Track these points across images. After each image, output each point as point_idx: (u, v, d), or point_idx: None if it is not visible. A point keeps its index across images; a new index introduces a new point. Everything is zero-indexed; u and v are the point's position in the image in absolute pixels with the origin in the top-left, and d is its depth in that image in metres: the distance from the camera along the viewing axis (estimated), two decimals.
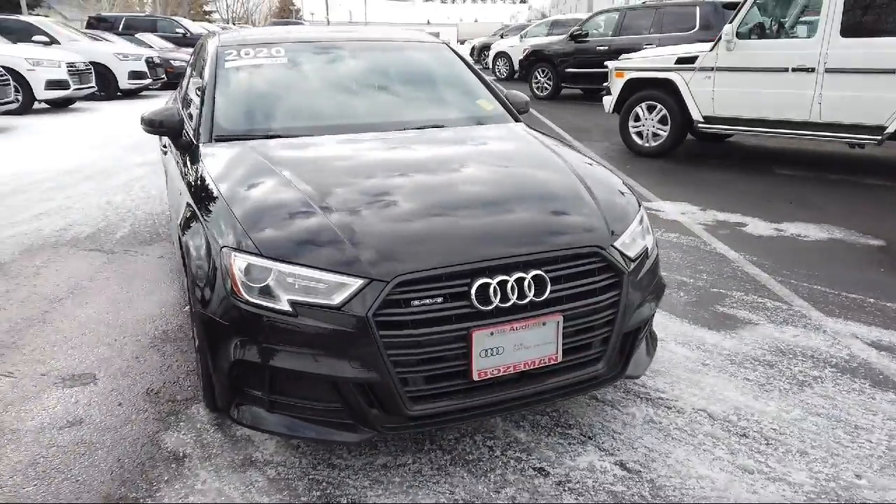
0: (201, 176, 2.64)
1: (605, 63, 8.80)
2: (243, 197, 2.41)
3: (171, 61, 16.72)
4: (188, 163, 2.89)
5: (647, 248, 2.56)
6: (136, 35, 18.89)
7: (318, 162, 2.72)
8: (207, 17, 59.18)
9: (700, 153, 8.40)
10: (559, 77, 14.69)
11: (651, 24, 13.05)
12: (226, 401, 2.26)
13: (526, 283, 2.15)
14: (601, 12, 14.85)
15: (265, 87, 3.29)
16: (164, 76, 15.87)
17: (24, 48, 12.40)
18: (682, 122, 7.84)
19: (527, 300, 2.16)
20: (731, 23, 7.24)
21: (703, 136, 8.96)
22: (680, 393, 2.84)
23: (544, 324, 2.19)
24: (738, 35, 7.20)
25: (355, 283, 2.04)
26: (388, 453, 2.42)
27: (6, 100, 10.30)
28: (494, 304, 2.12)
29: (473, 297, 2.09)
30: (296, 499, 2.18)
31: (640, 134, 8.23)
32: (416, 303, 2.07)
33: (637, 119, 8.21)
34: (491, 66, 21.33)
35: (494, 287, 2.11)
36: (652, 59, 8.14)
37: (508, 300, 2.14)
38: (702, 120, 7.59)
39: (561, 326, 2.21)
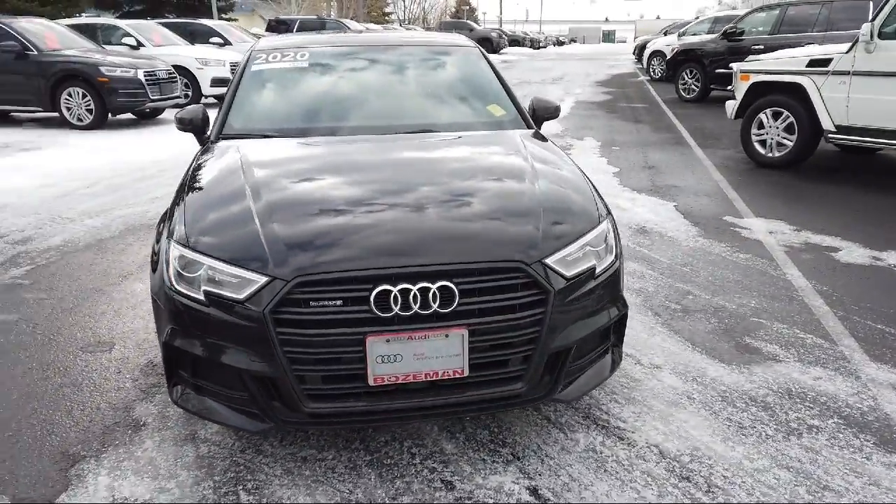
0: (188, 172, 2.89)
1: (730, 64, 8.18)
2: (201, 193, 2.62)
3: None
4: (195, 159, 3.17)
5: (595, 268, 2.42)
6: None
7: (285, 163, 2.86)
8: (386, 17, 61.99)
9: (834, 167, 7.56)
10: (708, 78, 13.81)
11: (815, 20, 11.90)
12: (167, 379, 2.47)
13: (431, 293, 2.14)
14: (761, 8, 13.73)
15: (278, 89, 3.51)
16: None
17: (197, 49, 13.90)
18: (811, 132, 7.10)
19: (431, 311, 2.15)
20: (871, 21, 6.45)
21: (847, 149, 8.05)
22: (642, 425, 2.66)
23: (447, 336, 2.17)
24: (881, 35, 6.39)
25: (261, 281, 2.16)
26: (314, 446, 2.52)
27: (174, 94, 11.62)
28: (394, 312, 2.13)
29: (372, 302, 2.12)
30: (209, 477, 2.35)
31: (763, 143, 7.56)
32: (314, 304, 2.14)
33: (761, 126, 7.56)
34: (645, 66, 20.49)
35: (395, 295, 2.13)
36: (781, 60, 7.44)
37: (410, 309, 2.14)
38: (833, 129, 6.83)
39: (467, 340, 2.18)
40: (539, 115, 3.65)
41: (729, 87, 8.22)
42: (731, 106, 7.95)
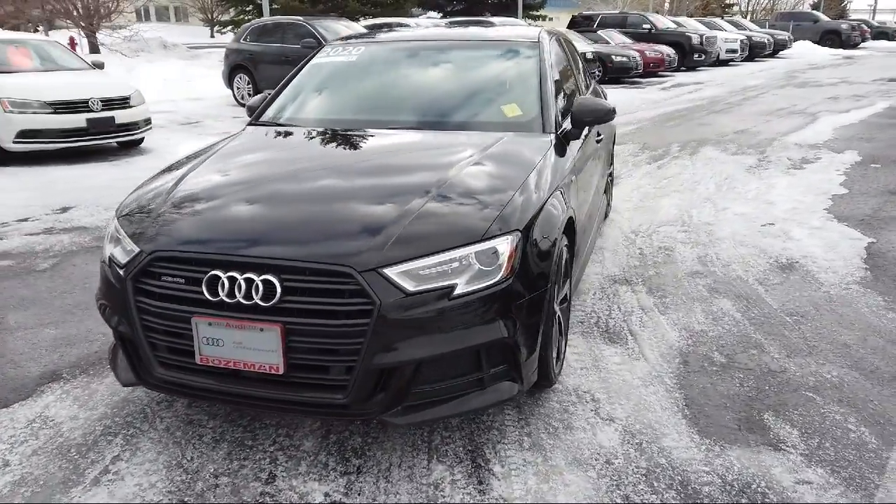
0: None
1: None
2: (163, 172, 2.99)
3: (613, 56, 17.44)
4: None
5: (454, 288, 2.19)
6: (598, 31, 20.18)
7: (245, 152, 3.11)
8: (726, 11, 57.73)
9: None
10: None
11: None
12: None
13: (254, 284, 2.18)
14: None
15: (318, 82, 3.72)
16: (595, 71, 16.67)
17: None
18: None
19: (252, 302, 2.19)
20: None
21: None
22: (516, 476, 2.31)
23: (262, 329, 2.18)
24: None
25: (135, 251, 2.41)
26: (207, 413, 2.71)
27: None
28: (220, 298, 2.22)
29: (204, 285, 2.24)
30: (113, 416, 2.70)
31: None
32: (165, 279, 2.33)
33: None
34: None
35: (223, 281, 2.21)
36: None
37: (235, 297, 2.20)
38: None
39: (282, 337, 2.16)
40: (579, 117, 3.27)
41: None
42: None
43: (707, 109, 12.32)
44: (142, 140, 8.80)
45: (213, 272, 2.23)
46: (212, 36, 40.30)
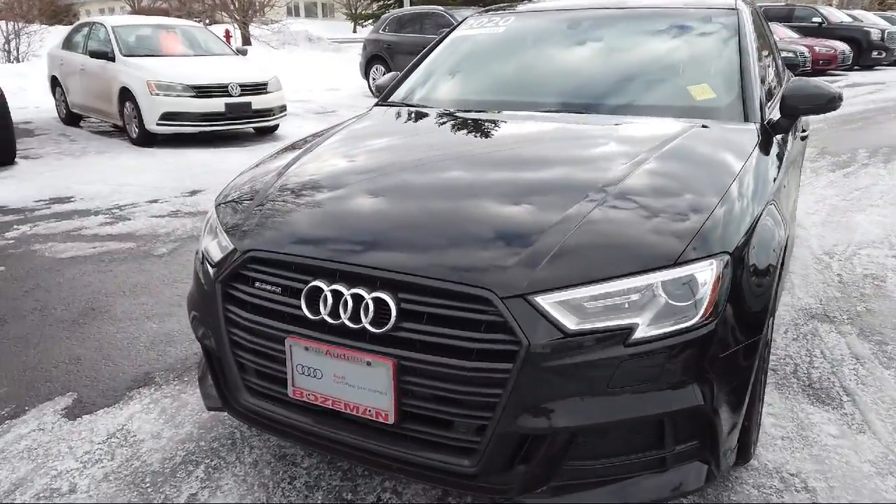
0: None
1: None
2: (270, 156, 2.56)
3: None
4: None
5: (633, 330, 1.55)
6: None
7: (363, 138, 2.60)
8: None
9: None
10: None
11: None
12: None
13: (364, 303, 1.66)
14: None
15: (458, 58, 3.15)
16: None
17: None
18: None
19: (360, 325, 1.66)
20: None
21: None
22: None
23: (369, 363, 1.66)
24: None
25: (229, 248, 1.97)
26: (324, 459, 2.23)
27: None
28: (321, 316, 1.71)
29: (303, 299, 1.74)
30: (201, 438, 2.29)
31: None
32: (259, 285, 1.86)
33: None
34: None
35: (326, 295, 1.71)
36: None
37: (339, 317, 1.69)
38: None
39: (394, 376, 1.63)
40: (791, 104, 2.49)
41: None
42: None
43: (894, 112, 10.69)
44: (276, 127, 8.73)
45: (315, 283, 1.72)
46: (354, 31, 41.36)
